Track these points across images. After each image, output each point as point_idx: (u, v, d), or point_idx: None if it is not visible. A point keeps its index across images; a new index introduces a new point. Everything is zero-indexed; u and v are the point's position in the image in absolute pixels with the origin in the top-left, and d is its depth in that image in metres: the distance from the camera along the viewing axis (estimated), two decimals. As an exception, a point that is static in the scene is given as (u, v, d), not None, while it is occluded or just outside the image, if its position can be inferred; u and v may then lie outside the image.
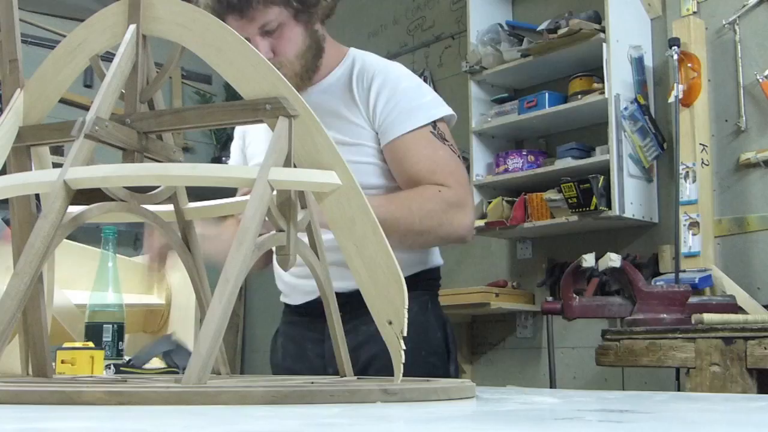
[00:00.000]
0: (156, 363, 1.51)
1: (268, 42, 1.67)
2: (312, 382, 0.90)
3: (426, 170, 1.67)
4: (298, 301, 1.96)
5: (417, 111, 1.70)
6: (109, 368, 1.51)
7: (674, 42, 3.04)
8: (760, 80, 2.93)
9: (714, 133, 3.07)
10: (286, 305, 2.08)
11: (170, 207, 1.14)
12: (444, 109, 1.75)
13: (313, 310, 1.81)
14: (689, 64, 3.04)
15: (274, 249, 0.97)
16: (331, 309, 1.09)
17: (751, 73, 2.96)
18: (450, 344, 1.82)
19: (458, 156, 1.73)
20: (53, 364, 1.36)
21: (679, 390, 2.69)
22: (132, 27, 1.03)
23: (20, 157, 1.07)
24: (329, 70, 1.80)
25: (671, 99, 3.04)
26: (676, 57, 3.02)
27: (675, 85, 3.01)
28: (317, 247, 1.11)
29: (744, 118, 2.98)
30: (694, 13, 3.14)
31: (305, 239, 1.09)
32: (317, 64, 1.75)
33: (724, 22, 3.04)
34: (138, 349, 1.71)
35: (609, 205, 3.19)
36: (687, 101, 3.04)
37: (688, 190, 3.00)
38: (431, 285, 1.86)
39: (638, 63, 3.24)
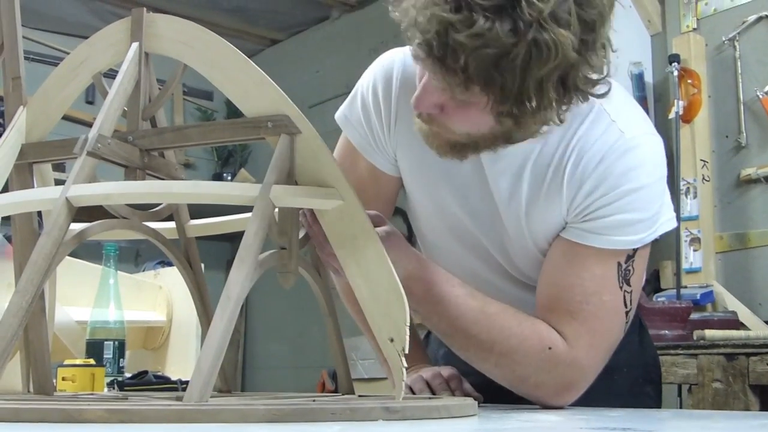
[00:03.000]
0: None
1: (448, 97, 1.09)
2: (314, 400, 0.90)
3: (565, 305, 1.20)
4: None
5: (629, 228, 1.19)
6: (112, 386, 1.51)
7: (674, 58, 3.04)
8: (761, 96, 2.93)
9: (714, 149, 3.07)
10: None
11: (172, 224, 1.14)
12: (656, 232, 1.23)
13: None
14: (689, 81, 3.04)
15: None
16: (332, 327, 1.09)
17: (751, 89, 2.97)
18: (660, 370, 1.51)
19: (625, 312, 1.22)
20: (54, 381, 1.35)
21: (681, 406, 2.68)
22: (135, 45, 1.04)
23: (22, 174, 1.07)
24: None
25: (671, 115, 3.04)
26: (676, 73, 3.02)
27: (675, 101, 3.01)
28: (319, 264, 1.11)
29: (744, 134, 2.98)
30: (694, 29, 3.14)
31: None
32: (492, 148, 1.17)
33: (723, 39, 3.04)
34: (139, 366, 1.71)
35: (610, 221, 3.19)
36: (687, 117, 3.04)
37: (689, 205, 3.00)
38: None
39: (638, 79, 3.24)
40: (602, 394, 1.26)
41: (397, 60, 1.30)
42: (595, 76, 1.07)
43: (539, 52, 0.98)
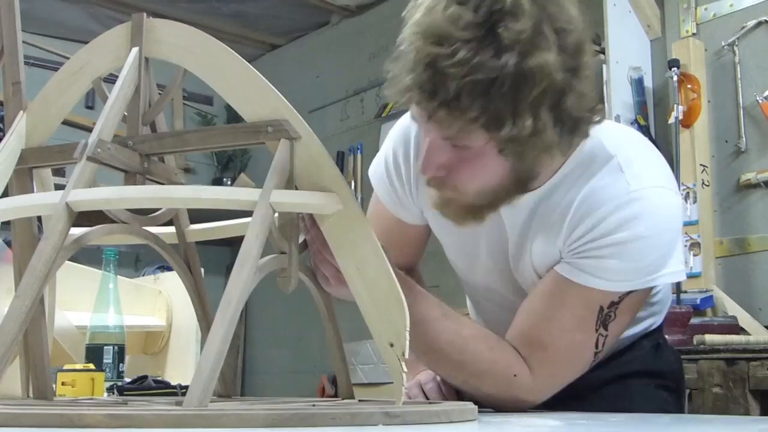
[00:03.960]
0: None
1: (445, 156, 1.13)
2: (313, 405, 0.90)
3: (538, 334, 1.23)
4: None
5: (614, 273, 1.20)
6: (112, 391, 1.50)
7: (674, 63, 3.04)
8: (760, 101, 2.93)
9: (714, 153, 3.08)
10: None
11: (172, 229, 1.14)
12: (649, 282, 1.23)
13: None
14: (689, 86, 3.05)
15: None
16: (332, 332, 1.09)
17: (750, 94, 2.97)
18: (683, 382, 1.54)
19: (595, 353, 1.25)
20: (54, 386, 1.35)
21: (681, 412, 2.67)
22: (135, 50, 1.04)
23: (22, 179, 1.07)
24: (555, 167, 1.24)
25: (671, 120, 3.04)
26: (675, 78, 3.02)
27: (675, 106, 3.01)
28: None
29: (744, 139, 2.98)
30: (694, 34, 3.14)
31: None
32: (507, 201, 1.21)
33: (723, 44, 3.05)
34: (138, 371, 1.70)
35: (610, 226, 3.19)
36: (687, 122, 3.04)
37: (688, 210, 3.00)
38: (659, 329, 1.49)
39: (638, 84, 3.24)
40: (617, 396, 1.32)
41: (414, 124, 1.28)
42: (586, 105, 1.11)
43: (525, 75, 1.02)
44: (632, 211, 1.18)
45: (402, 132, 1.37)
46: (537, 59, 1.02)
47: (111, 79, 1.02)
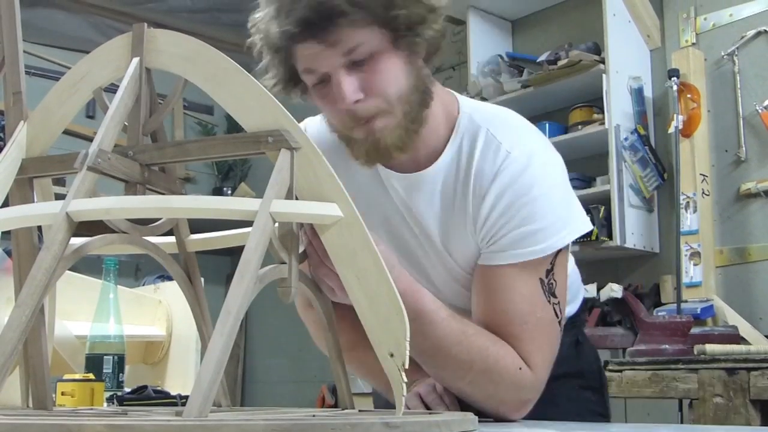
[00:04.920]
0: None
1: (357, 77, 1.22)
2: (313, 415, 0.89)
3: (507, 330, 1.26)
4: None
5: (532, 238, 1.26)
6: (112, 401, 1.50)
7: (673, 73, 3.05)
8: (760, 111, 2.94)
9: (714, 163, 3.08)
10: None
11: (172, 239, 1.14)
12: (566, 237, 1.29)
13: None
14: (689, 95, 3.05)
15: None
16: (332, 341, 1.09)
17: (750, 103, 2.98)
18: (604, 378, 1.58)
19: (558, 321, 1.30)
20: (53, 396, 1.35)
21: (682, 421, 2.67)
22: (135, 60, 1.04)
23: (23, 189, 1.07)
24: (440, 143, 1.34)
25: (671, 129, 3.05)
26: (675, 88, 3.03)
27: (675, 115, 3.02)
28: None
29: (744, 149, 2.99)
30: (693, 44, 3.15)
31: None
32: (423, 114, 1.28)
33: (723, 54, 3.06)
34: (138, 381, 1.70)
35: (610, 236, 3.19)
36: (687, 132, 3.05)
37: (689, 220, 3.00)
38: (578, 321, 1.55)
39: (638, 94, 3.25)
40: (544, 402, 1.32)
41: (309, 124, 1.47)
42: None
43: None
44: (524, 177, 1.27)
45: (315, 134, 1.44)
46: None
47: (112, 89, 1.02)
